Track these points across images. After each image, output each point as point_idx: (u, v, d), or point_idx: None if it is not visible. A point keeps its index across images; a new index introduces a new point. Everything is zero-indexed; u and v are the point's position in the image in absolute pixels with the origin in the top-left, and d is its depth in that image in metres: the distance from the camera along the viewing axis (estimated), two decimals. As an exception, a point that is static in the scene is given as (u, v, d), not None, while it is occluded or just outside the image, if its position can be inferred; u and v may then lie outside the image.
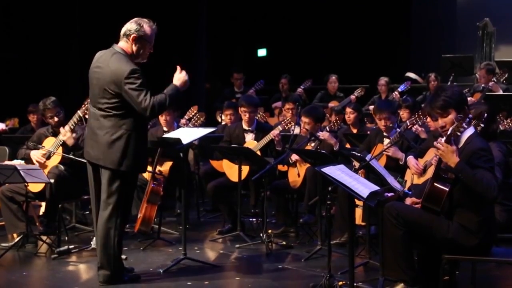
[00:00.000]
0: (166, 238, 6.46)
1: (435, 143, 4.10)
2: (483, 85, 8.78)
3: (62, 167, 6.19)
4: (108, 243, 4.87)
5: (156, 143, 6.13)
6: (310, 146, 6.60)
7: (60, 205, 6.12)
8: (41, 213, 6.33)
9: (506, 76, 8.90)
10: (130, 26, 4.81)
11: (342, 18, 12.89)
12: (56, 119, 6.35)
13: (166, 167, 6.70)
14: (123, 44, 4.84)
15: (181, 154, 5.71)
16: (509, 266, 4.98)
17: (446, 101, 4.15)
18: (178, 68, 4.94)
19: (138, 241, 6.33)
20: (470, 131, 4.14)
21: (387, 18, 12.79)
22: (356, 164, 5.59)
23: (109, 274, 4.90)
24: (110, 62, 4.78)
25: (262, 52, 14.38)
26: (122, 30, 4.83)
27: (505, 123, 7.20)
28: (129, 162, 4.79)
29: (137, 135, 4.83)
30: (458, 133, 4.12)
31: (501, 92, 8.67)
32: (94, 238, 5.34)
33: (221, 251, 6.21)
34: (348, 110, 7.67)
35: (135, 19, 4.84)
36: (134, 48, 4.82)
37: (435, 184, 4.08)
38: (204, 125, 7.81)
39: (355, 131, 7.52)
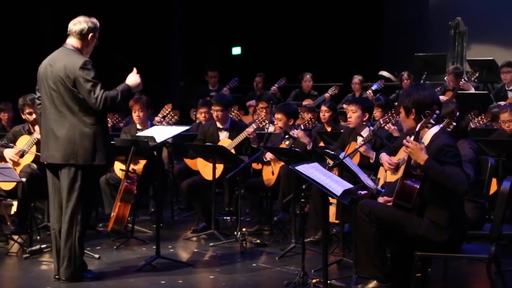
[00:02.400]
0: (140, 237, 6.43)
1: (404, 141, 4.15)
2: (453, 87, 8.92)
3: (34, 165, 6.13)
4: (70, 239, 4.88)
5: (130, 141, 6.11)
6: (285, 144, 6.62)
7: (32, 204, 6.06)
8: (12, 212, 6.26)
9: (477, 75, 9.02)
10: (85, 25, 4.96)
11: (316, 17, 12.93)
12: (34, 116, 6.31)
13: (139, 165, 6.67)
14: (74, 41, 4.98)
15: (155, 153, 5.70)
16: (479, 263, 5.04)
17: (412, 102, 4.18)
18: (134, 69, 5.10)
19: (111, 240, 6.29)
20: (435, 129, 4.19)
21: (361, 17, 12.86)
22: (330, 162, 5.61)
23: (71, 271, 4.91)
24: (61, 58, 4.91)
25: (236, 50, 14.37)
26: (73, 28, 4.98)
27: (476, 121, 7.29)
28: (101, 156, 4.87)
29: (102, 128, 4.93)
30: (426, 129, 4.17)
31: (472, 91, 8.78)
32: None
33: (195, 250, 6.20)
34: (323, 108, 7.69)
35: (84, 18, 5.00)
36: (88, 45, 4.99)
37: (405, 181, 4.11)
38: (178, 123, 7.79)
39: (329, 129, 7.54)
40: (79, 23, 4.95)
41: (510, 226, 4.62)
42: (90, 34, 4.94)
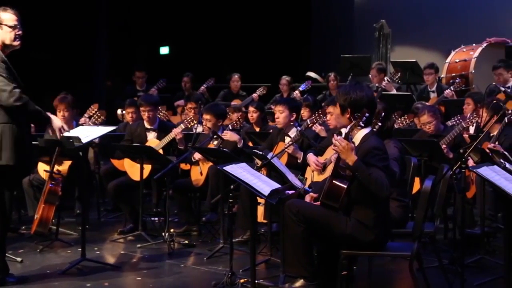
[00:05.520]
0: (65, 239, 6.30)
1: (333, 139, 4.19)
2: (377, 84, 9.16)
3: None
4: None
5: (54, 141, 5.96)
6: (213, 144, 6.62)
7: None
8: None
9: (399, 75, 9.27)
10: None
11: (245, 18, 12.99)
12: None
13: (65, 166, 6.53)
14: None
15: (81, 153, 5.59)
16: (403, 260, 5.18)
17: (347, 101, 4.22)
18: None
19: (34, 243, 6.14)
20: (366, 130, 4.26)
21: (288, 19, 13.00)
22: (258, 162, 5.64)
23: None
24: None
25: (164, 50, 14.26)
26: None
27: (400, 121, 7.48)
28: (9, 154, 4.74)
29: (13, 127, 4.78)
30: (355, 131, 4.24)
31: (394, 91, 9.03)
32: None
33: (122, 252, 6.12)
34: (251, 109, 7.73)
35: None
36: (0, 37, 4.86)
37: (333, 181, 4.17)
38: (104, 123, 7.66)
39: (257, 129, 7.59)
40: None
41: (432, 224, 4.75)
42: None
